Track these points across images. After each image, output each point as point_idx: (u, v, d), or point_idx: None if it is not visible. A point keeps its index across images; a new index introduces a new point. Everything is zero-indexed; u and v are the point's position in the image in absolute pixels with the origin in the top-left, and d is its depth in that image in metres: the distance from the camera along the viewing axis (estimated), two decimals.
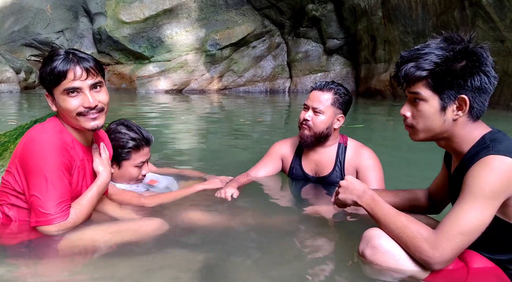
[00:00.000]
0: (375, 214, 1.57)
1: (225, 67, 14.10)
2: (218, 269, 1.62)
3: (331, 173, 2.63)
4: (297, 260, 1.75)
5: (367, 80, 12.64)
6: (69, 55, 1.74)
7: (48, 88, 1.77)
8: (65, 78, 1.71)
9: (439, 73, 1.44)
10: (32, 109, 8.59)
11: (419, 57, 1.47)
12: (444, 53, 1.45)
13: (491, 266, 1.51)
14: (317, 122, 2.55)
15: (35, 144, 1.71)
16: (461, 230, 1.38)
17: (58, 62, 1.71)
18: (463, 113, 1.47)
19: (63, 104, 1.74)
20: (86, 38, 14.23)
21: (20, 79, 12.82)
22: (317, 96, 2.57)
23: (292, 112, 8.91)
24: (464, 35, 1.49)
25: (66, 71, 1.70)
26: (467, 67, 1.43)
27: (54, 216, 1.69)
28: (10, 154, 2.62)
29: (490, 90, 1.48)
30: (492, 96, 1.52)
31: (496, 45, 8.22)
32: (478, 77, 1.43)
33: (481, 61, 1.44)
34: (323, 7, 13.20)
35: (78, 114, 1.75)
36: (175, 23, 13.78)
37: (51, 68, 1.71)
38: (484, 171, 1.38)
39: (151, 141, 2.37)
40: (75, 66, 1.72)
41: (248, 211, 2.32)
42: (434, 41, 1.50)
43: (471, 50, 1.45)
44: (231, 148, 4.74)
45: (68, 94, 1.73)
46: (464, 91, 1.44)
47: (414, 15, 10.34)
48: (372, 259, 1.53)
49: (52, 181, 1.68)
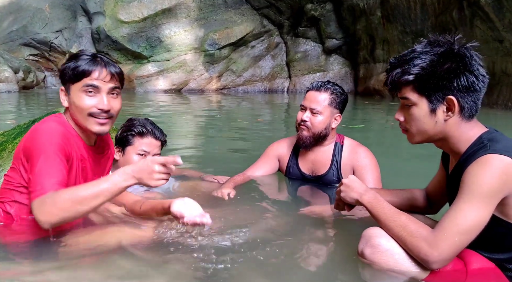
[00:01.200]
0: (376, 213, 1.58)
1: (224, 66, 14.10)
2: (217, 269, 1.62)
3: (328, 172, 2.64)
4: (294, 260, 1.75)
5: (366, 80, 12.66)
6: (96, 57, 1.79)
7: (66, 82, 1.79)
8: (88, 75, 1.74)
9: (425, 76, 1.47)
10: (30, 109, 8.58)
11: (405, 63, 1.50)
12: (428, 57, 1.47)
13: (490, 266, 1.51)
14: (315, 123, 2.55)
15: (37, 131, 1.72)
16: (460, 229, 1.39)
17: (85, 61, 1.74)
18: (453, 113, 1.48)
19: (78, 101, 1.75)
20: (84, 38, 14.22)
21: (18, 79, 12.80)
22: (314, 97, 2.57)
23: (291, 112, 8.92)
24: (450, 38, 1.51)
25: (91, 71, 1.74)
26: (452, 68, 1.45)
27: (40, 189, 1.59)
28: (9, 154, 2.62)
29: (480, 89, 1.48)
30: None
31: (494, 45, 8.24)
32: (464, 77, 1.45)
33: (465, 62, 1.46)
34: (322, 7, 13.21)
35: (89, 114, 1.76)
36: (174, 22, 13.79)
37: (76, 65, 1.74)
38: (482, 170, 1.39)
39: (158, 136, 2.37)
40: (101, 67, 1.76)
41: (245, 211, 2.32)
42: (419, 45, 1.53)
43: (455, 51, 1.47)
44: (230, 148, 4.74)
45: (86, 92, 1.74)
46: (451, 92, 1.46)
47: (413, 15, 10.36)
48: (372, 258, 1.54)
49: (49, 160, 1.65)
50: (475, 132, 1.52)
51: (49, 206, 1.54)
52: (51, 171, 1.64)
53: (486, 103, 8.48)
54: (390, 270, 1.51)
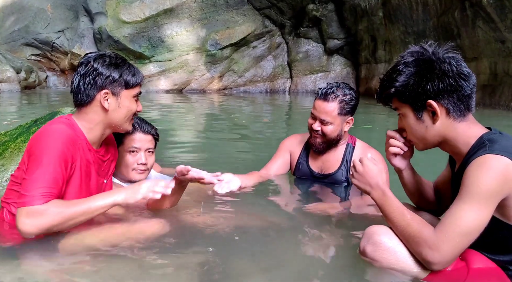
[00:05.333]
0: (383, 208, 1.59)
1: (226, 67, 14.10)
2: (218, 268, 1.62)
3: (337, 171, 2.66)
4: (298, 258, 1.75)
5: (368, 80, 12.65)
6: (131, 64, 1.96)
7: (115, 88, 1.85)
8: (140, 85, 1.94)
9: (402, 87, 1.54)
10: (32, 109, 8.59)
11: (388, 77, 1.60)
12: (405, 68, 1.54)
13: (491, 266, 1.52)
14: (327, 132, 2.55)
15: (43, 133, 1.72)
16: (460, 231, 1.39)
17: (132, 71, 1.90)
18: (439, 116, 1.52)
19: (130, 105, 1.90)
20: (86, 38, 14.23)
21: (20, 79, 12.82)
22: (322, 108, 2.51)
23: (294, 113, 8.92)
24: (425, 46, 1.57)
25: (141, 80, 1.94)
26: (422, 74, 1.51)
27: (29, 198, 1.59)
28: (11, 153, 2.62)
29: (461, 87, 1.49)
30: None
31: (496, 46, 8.22)
32: (437, 80, 1.49)
33: (431, 65, 1.50)
34: (324, 7, 13.20)
35: (133, 115, 1.95)
36: (175, 23, 13.79)
37: (131, 76, 1.88)
38: (480, 171, 1.39)
39: (146, 129, 2.30)
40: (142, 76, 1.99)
41: (249, 209, 2.33)
42: (402, 58, 1.58)
43: (423, 58, 1.52)
44: (233, 148, 4.74)
45: (135, 97, 1.92)
46: (429, 97, 1.50)
47: (414, 16, 10.34)
48: (373, 256, 1.54)
49: (45, 167, 1.64)
50: (474, 132, 1.52)
51: (36, 219, 1.59)
52: (46, 179, 1.63)
53: (488, 104, 8.47)
54: (392, 268, 1.52)
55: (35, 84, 13.71)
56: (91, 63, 1.81)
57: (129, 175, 2.26)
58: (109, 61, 1.83)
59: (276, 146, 2.95)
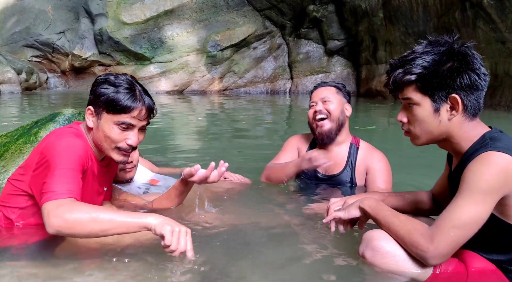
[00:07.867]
0: (376, 215, 1.59)
1: (226, 68, 14.11)
2: (219, 269, 1.62)
3: (342, 172, 2.66)
4: (296, 261, 1.75)
5: (368, 81, 12.64)
6: (135, 90, 1.75)
7: (99, 107, 1.74)
8: (128, 113, 1.71)
9: (427, 76, 1.47)
10: (33, 110, 8.60)
11: (407, 63, 1.51)
12: (430, 56, 1.48)
13: (490, 268, 1.51)
14: (330, 109, 2.61)
15: (59, 146, 1.66)
16: (455, 224, 1.39)
17: (126, 96, 1.71)
18: (457, 112, 1.49)
19: (108, 131, 1.73)
20: (87, 39, 14.25)
21: (21, 80, 12.84)
22: (322, 90, 2.70)
23: (296, 113, 8.93)
24: (449, 38, 1.52)
25: (132, 109, 1.71)
26: (454, 67, 1.46)
27: (55, 194, 1.53)
28: (11, 154, 2.62)
29: (482, 87, 1.49)
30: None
31: (497, 46, 8.22)
32: (466, 75, 1.45)
33: (467, 60, 1.46)
34: (324, 8, 13.20)
35: (116, 147, 1.76)
36: (176, 24, 13.81)
37: (116, 98, 1.69)
38: (482, 167, 1.39)
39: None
40: (142, 105, 1.74)
41: (250, 210, 2.33)
42: (419, 46, 1.54)
43: (456, 50, 1.48)
44: (233, 148, 4.74)
45: (119, 125, 1.72)
46: (455, 91, 1.47)
47: (415, 16, 10.34)
48: (372, 260, 1.54)
49: (67, 169, 1.60)
50: (478, 131, 1.52)
51: (64, 211, 1.48)
52: (69, 178, 1.59)
53: (488, 105, 8.45)
54: (391, 272, 1.52)
55: (36, 86, 13.72)
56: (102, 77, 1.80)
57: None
58: (112, 80, 1.76)
59: (279, 146, 2.94)
